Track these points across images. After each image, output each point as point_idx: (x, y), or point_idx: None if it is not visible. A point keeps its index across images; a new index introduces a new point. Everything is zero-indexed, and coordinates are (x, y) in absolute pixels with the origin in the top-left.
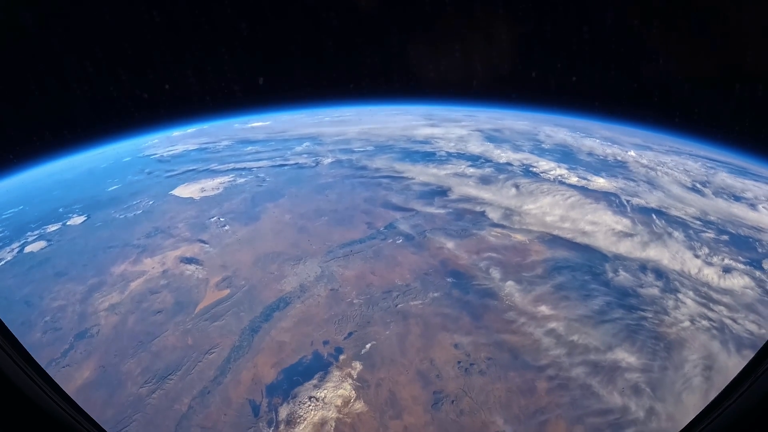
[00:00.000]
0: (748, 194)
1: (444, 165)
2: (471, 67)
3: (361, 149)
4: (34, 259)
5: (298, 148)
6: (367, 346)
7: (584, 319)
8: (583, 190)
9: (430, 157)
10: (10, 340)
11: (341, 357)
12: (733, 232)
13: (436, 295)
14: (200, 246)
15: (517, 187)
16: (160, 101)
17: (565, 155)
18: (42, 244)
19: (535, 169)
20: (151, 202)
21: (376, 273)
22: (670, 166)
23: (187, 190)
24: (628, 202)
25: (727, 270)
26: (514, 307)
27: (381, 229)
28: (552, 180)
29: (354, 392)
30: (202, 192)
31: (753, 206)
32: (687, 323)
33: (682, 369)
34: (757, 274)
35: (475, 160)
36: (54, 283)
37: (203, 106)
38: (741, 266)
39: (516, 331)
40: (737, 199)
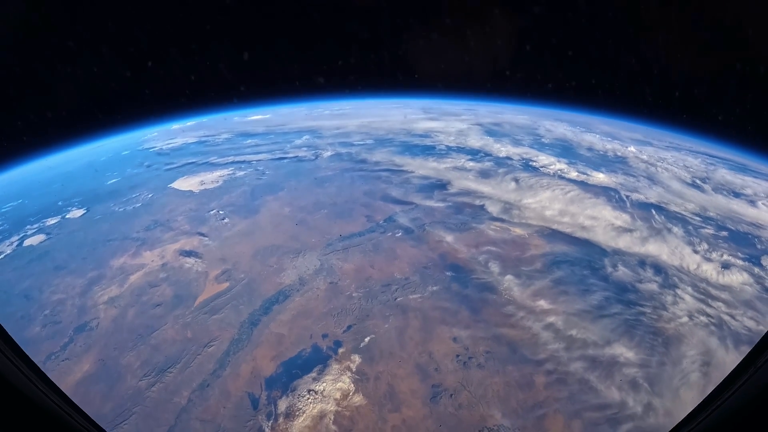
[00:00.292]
0: (748, 191)
1: (443, 158)
2: (471, 60)
3: (361, 142)
4: (34, 253)
5: (298, 141)
6: (366, 340)
7: (583, 313)
8: (583, 185)
9: (429, 151)
10: (2, 336)
11: (340, 350)
12: (733, 228)
13: (435, 288)
14: (199, 239)
15: (517, 181)
16: (159, 94)
17: (565, 150)
18: (41, 237)
19: (534, 164)
20: (150, 195)
21: (376, 266)
22: (670, 161)
23: (186, 183)
24: (627, 197)
25: (726, 266)
26: (513, 301)
27: (380, 223)
28: (552, 174)
29: (353, 385)
30: (202, 185)
31: (752, 203)
32: (685, 319)
33: (680, 364)
34: (756, 270)
35: (474, 153)
36: (53, 277)
37: (203, 99)
38: (740, 262)
39: (514, 325)
40: (737, 195)
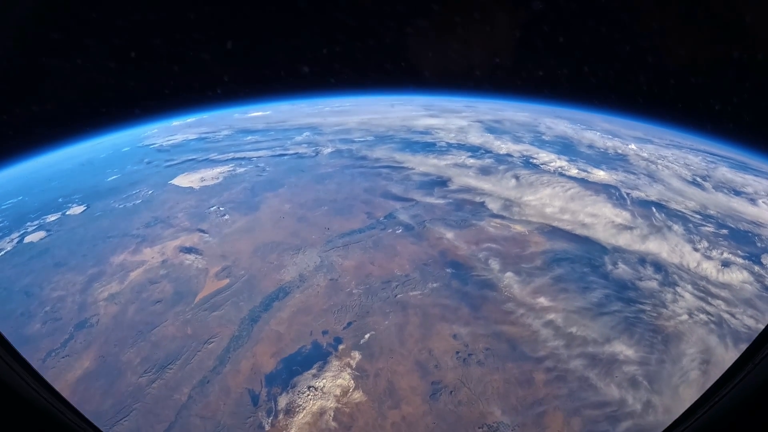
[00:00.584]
0: (748, 189)
1: (444, 155)
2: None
3: (361, 139)
4: (34, 249)
5: (298, 138)
6: (366, 336)
7: (583, 311)
8: (583, 182)
9: (430, 148)
10: None
11: (340, 347)
12: (733, 226)
13: (435, 285)
14: (200, 236)
15: (517, 178)
16: (159, 91)
17: (566, 147)
18: (41, 234)
19: (535, 161)
20: (150, 192)
21: (376, 263)
22: (671, 159)
23: (186, 180)
24: (628, 194)
25: (726, 264)
26: (513, 299)
27: (380, 219)
28: (552, 172)
29: (353, 382)
30: (202, 181)
31: (753, 201)
32: (685, 317)
33: (680, 362)
34: (756, 269)
35: (475, 150)
36: (54, 273)
37: (203, 95)
38: (740, 261)
39: (514, 323)
40: (737, 193)
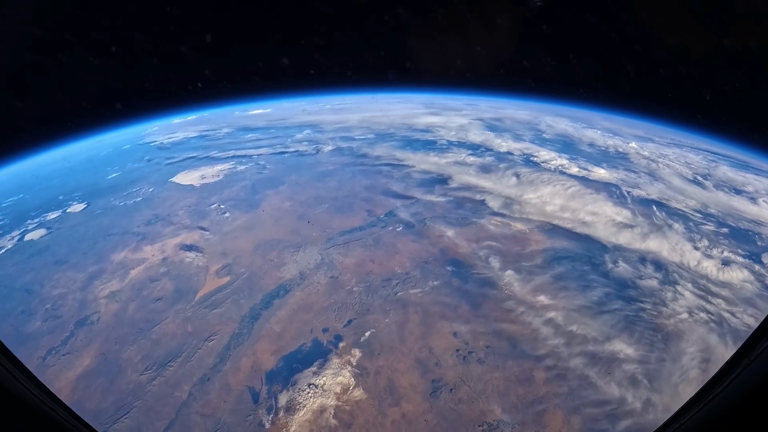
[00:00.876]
0: (749, 188)
1: (445, 153)
2: (472, 55)
3: (362, 137)
4: (35, 247)
5: (299, 136)
6: (367, 334)
7: (583, 309)
8: (584, 181)
9: (430, 146)
10: None
11: (340, 344)
12: (733, 225)
13: (435, 283)
14: (200, 233)
15: (518, 176)
16: (160, 88)
17: (566, 145)
18: (42, 231)
19: (535, 159)
20: (151, 190)
21: (376, 261)
22: (672, 158)
23: (187, 178)
24: (628, 193)
25: (727, 263)
26: (513, 297)
27: (381, 217)
28: (552, 170)
29: (353, 380)
30: (203, 179)
31: (753, 200)
32: (685, 315)
33: (680, 361)
34: (757, 267)
35: (475, 148)
36: (54, 271)
37: (204, 93)
38: (740, 259)
39: (515, 321)
40: (738, 192)
